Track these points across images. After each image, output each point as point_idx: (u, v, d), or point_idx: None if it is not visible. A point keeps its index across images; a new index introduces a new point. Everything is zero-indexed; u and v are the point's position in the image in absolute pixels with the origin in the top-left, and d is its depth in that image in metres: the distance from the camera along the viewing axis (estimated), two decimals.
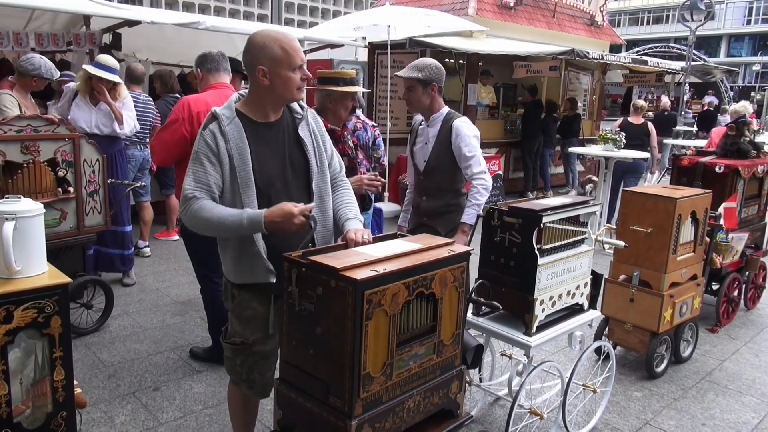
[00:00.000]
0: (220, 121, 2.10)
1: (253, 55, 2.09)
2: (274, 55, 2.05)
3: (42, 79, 4.57)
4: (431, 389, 1.85)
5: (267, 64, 2.06)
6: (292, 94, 2.13)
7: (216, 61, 3.57)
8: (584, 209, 2.81)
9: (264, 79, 2.07)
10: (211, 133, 2.09)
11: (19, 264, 1.69)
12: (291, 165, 2.19)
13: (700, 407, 3.44)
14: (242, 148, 2.08)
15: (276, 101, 2.16)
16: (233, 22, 7.80)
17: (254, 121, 2.15)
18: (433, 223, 3.34)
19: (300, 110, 2.26)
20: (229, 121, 2.10)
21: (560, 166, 10.84)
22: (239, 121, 2.12)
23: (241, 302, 2.22)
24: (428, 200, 3.37)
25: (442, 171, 3.32)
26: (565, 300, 2.80)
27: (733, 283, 4.60)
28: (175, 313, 4.47)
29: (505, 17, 10.81)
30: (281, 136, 2.19)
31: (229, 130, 2.09)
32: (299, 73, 2.10)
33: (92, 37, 5.90)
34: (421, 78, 3.19)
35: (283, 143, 2.19)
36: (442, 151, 3.29)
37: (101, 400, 3.21)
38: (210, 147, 2.08)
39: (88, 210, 3.84)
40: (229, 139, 2.08)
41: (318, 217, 2.15)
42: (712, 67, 15.08)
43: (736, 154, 4.67)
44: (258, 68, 2.06)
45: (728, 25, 44.79)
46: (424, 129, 3.41)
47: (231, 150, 2.07)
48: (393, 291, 1.62)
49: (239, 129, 2.10)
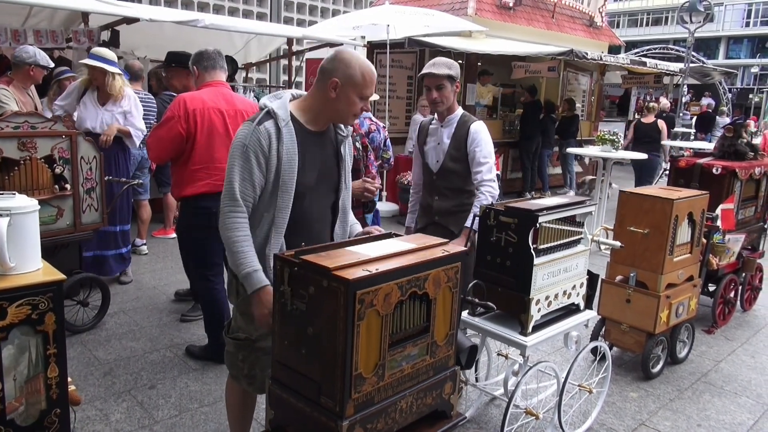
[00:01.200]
0: (278, 120, 2.11)
1: (335, 66, 2.12)
2: (353, 76, 2.10)
3: (38, 67, 4.55)
4: (424, 390, 1.84)
5: (343, 80, 2.10)
6: (348, 117, 2.20)
7: (212, 58, 3.56)
8: (580, 209, 2.81)
9: (333, 91, 2.12)
10: (267, 132, 2.09)
11: (13, 260, 1.69)
12: (325, 177, 2.25)
13: (695, 408, 3.45)
14: (292, 154, 2.11)
15: (331, 116, 2.21)
16: (232, 20, 7.80)
17: (304, 127, 2.18)
18: (446, 222, 3.30)
19: (344, 130, 2.33)
20: (284, 123, 2.12)
21: (558, 167, 10.85)
22: (292, 126, 2.14)
23: (247, 298, 2.23)
24: (441, 200, 3.33)
25: (456, 173, 3.27)
26: (561, 300, 2.80)
27: (730, 284, 4.61)
28: (172, 311, 4.47)
29: (504, 17, 10.81)
30: (325, 148, 2.26)
31: (285, 133, 2.11)
32: (362, 103, 2.17)
33: (90, 34, 5.89)
34: (452, 75, 3.15)
35: (324, 155, 2.25)
36: (458, 154, 3.24)
37: (97, 398, 3.21)
38: (262, 146, 2.08)
39: (84, 207, 3.84)
40: (283, 142, 2.10)
41: (338, 231, 2.33)
42: (711, 68, 15.10)
43: (734, 156, 4.68)
44: (333, 79, 2.11)
45: (727, 27, 44.82)
46: (437, 128, 3.35)
47: (282, 153, 2.09)
48: (385, 291, 1.62)
49: (292, 134, 2.12)
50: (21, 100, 4.56)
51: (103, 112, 4.61)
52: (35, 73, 4.58)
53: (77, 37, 5.88)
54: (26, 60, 4.50)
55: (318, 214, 2.26)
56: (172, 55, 4.42)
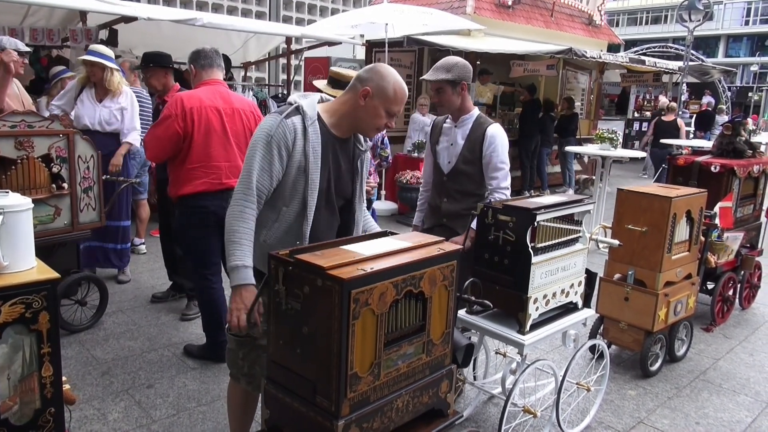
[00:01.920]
0: (305, 118, 2.12)
1: (370, 76, 2.15)
2: (385, 89, 2.13)
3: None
4: (420, 389, 1.84)
5: (375, 90, 2.13)
6: (370, 129, 2.22)
7: (209, 57, 3.55)
8: (578, 208, 2.80)
9: (363, 99, 2.14)
10: (293, 126, 2.10)
11: (6, 259, 1.68)
12: (337, 184, 2.26)
13: (694, 406, 3.44)
14: (318, 153, 2.13)
15: (354, 124, 2.22)
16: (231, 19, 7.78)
17: (329, 132, 2.19)
18: (454, 224, 3.23)
19: (363, 143, 2.34)
20: (311, 122, 2.13)
21: (557, 165, 10.84)
22: (318, 126, 2.15)
23: None
24: (449, 202, 3.25)
25: (468, 176, 3.20)
26: (559, 298, 2.79)
27: (728, 282, 4.61)
28: (170, 310, 4.46)
29: (503, 16, 10.81)
30: (344, 157, 2.27)
31: (311, 131, 2.12)
32: (387, 119, 2.19)
33: (88, 33, 5.89)
34: (450, 78, 3.09)
35: (342, 165, 2.26)
36: (472, 156, 3.17)
37: (94, 397, 3.21)
38: (287, 139, 2.09)
39: (82, 206, 3.83)
40: (309, 140, 2.11)
41: None
42: (710, 67, 15.07)
43: (732, 154, 4.67)
44: (365, 88, 2.13)
45: (726, 25, 44.79)
46: (451, 128, 3.27)
47: (308, 151, 2.10)
48: (380, 290, 1.61)
49: (317, 134, 2.14)
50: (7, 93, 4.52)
51: (101, 109, 4.61)
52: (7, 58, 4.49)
53: (75, 35, 5.87)
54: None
55: (325, 218, 2.25)
56: (149, 55, 4.44)
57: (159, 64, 4.32)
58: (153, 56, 4.38)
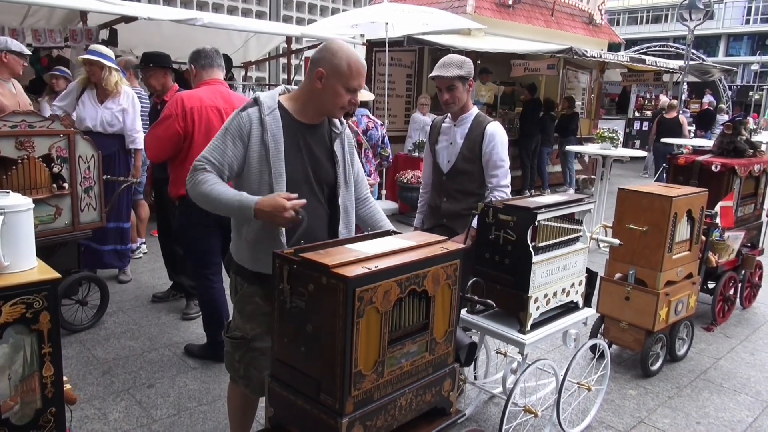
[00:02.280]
0: (261, 108, 2.11)
1: (321, 56, 2.11)
2: (339, 66, 2.09)
3: (11, 53, 4.48)
4: (423, 387, 1.84)
5: (328, 70, 2.09)
6: (334, 109, 2.17)
7: (210, 57, 3.55)
8: (579, 207, 2.80)
9: (318, 81, 2.10)
10: (248, 117, 2.10)
11: (7, 259, 1.68)
12: (315, 171, 2.21)
13: (694, 405, 3.44)
14: (278, 140, 2.10)
15: (318, 107, 2.18)
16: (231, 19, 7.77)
17: (294, 119, 2.16)
18: (454, 225, 3.20)
19: (339, 126, 2.29)
20: (269, 111, 2.11)
21: (558, 165, 10.84)
22: (278, 114, 2.13)
23: (244, 296, 2.23)
24: (449, 202, 3.23)
25: (468, 175, 3.17)
26: (559, 298, 2.79)
27: (729, 281, 4.61)
28: (171, 310, 4.46)
29: (503, 15, 10.80)
30: (316, 142, 2.22)
31: (268, 120, 2.10)
32: (349, 96, 2.14)
33: (89, 33, 5.88)
34: (463, 75, 3.06)
35: (316, 151, 2.21)
36: (471, 155, 3.14)
37: (95, 397, 3.21)
38: (241, 130, 2.09)
39: (83, 206, 3.83)
40: (267, 129, 2.09)
41: (343, 232, 2.24)
42: (711, 66, 15.08)
43: (733, 153, 4.67)
44: (318, 69, 2.09)
45: (727, 24, 44.79)
46: (450, 128, 3.25)
47: (267, 140, 2.08)
48: (385, 288, 1.61)
49: (277, 121, 2.11)
50: (1, 92, 4.53)
51: (103, 110, 4.61)
52: (8, 60, 4.51)
53: (75, 36, 5.87)
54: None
55: (309, 208, 2.17)
56: (149, 55, 4.43)
57: (159, 64, 4.32)
58: (153, 56, 4.38)
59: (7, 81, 4.64)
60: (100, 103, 4.62)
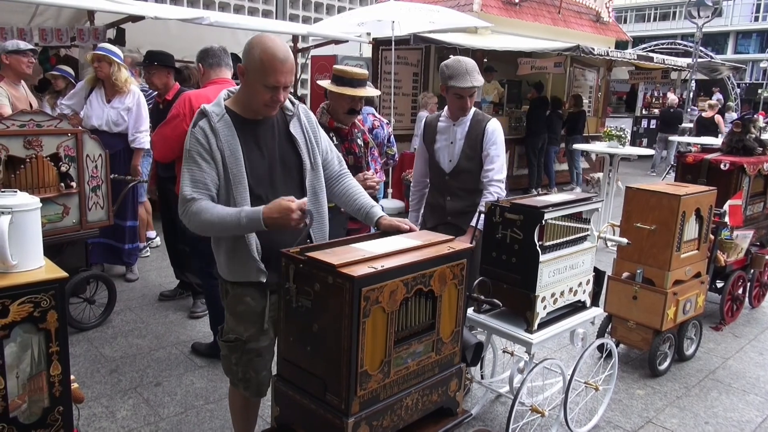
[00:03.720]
0: (210, 117, 2.07)
1: (245, 51, 2.07)
2: (252, 62, 2.02)
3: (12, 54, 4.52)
4: (430, 387, 1.83)
5: (246, 65, 2.04)
6: (259, 107, 2.08)
7: (217, 56, 3.56)
8: (586, 206, 2.79)
9: (242, 78, 2.07)
10: (202, 131, 2.05)
11: (15, 258, 1.68)
12: (282, 163, 2.17)
13: (703, 405, 3.42)
14: (233, 146, 2.05)
15: (248, 104, 2.12)
16: (238, 18, 7.78)
17: (243, 118, 2.12)
18: (459, 222, 3.23)
19: (291, 107, 2.23)
20: (218, 118, 2.07)
21: (565, 163, 10.80)
22: (229, 118, 2.09)
23: (234, 297, 2.22)
24: (453, 200, 3.26)
25: (470, 173, 3.21)
26: (567, 297, 2.78)
27: (738, 281, 4.57)
28: (178, 308, 4.47)
29: (510, 13, 10.76)
30: (270, 133, 2.16)
31: (219, 127, 2.06)
32: (270, 93, 2.03)
33: (96, 33, 5.91)
34: (481, 83, 3.16)
35: (274, 141, 2.16)
36: (473, 153, 3.18)
37: (103, 395, 3.22)
38: (202, 145, 2.05)
39: (90, 205, 3.85)
40: (220, 137, 2.05)
41: (314, 215, 2.15)
42: (719, 63, 14.96)
43: (742, 151, 4.64)
44: (240, 66, 2.05)
45: (736, 21, 44.48)
46: (448, 127, 3.26)
47: (222, 147, 2.04)
48: (391, 288, 1.60)
49: (229, 126, 2.07)
50: (14, 95, 4.56)
51: (109, 109, 4.63)
52: (10, 61, 4.54)
53: (83, 35, 5.90)
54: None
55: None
56: (153, 53, 4.44)
57: (163, 63, 4.32)
58: (157, 55, 4.39)
59: (18, 84, 4.68)
60: (107, 102, 4.64)
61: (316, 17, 10.68)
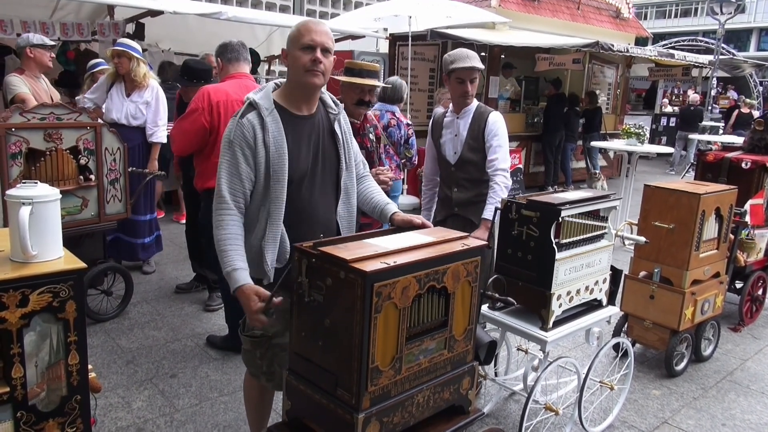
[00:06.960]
0: (261, 110, 2.08)
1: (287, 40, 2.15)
2: (292, 35, 2.11)
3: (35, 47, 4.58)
4: (441, 384, 1.83)
5: (288, 44, 2.12)
6: (299, 74, 2.07)
7: (236, 50, 3.57)
8: (604, 204, 2.76)
9: (285, 60, 2.13)
10: (250, 124, 2.06)
11: (35, 248, 1.70)
12: (323, 160, 2.20)
13: (720, 407, 3.38)
14: (280, 142, 2.07)
15: (296, 87, 2.13)
16: (255, 13, 7.81)
17: (291, 113, 2.14)
18: (466, 212, 3.30)
19: (334, 107, 2.27)
20: (268, 112, 2.08)
21: (582, 161, 10.70)
22: (277, 113, 2.10)
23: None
24: (460, 191, 3.33)
25: (474, 164, 3.26)
26: (583, 295, 2.76)
27: (758, 281, 4.50)
28: (193, 301, 4.51)
29: (528, 9, 10.66)
30: (316, 130, 2.19)
31: (269, 122, 2.07)
32: (308, 54, 2.04)
33: (116, 27, 5.97)
34: (482, 67, 3.20)
35: (318, 137, 2.19)
36: (476, 144, 3.24)
37: (119, 386, 3.26)
38: (246, 138, 2.05)
39: (109, 198, 3.89)
40: (269, 132, 2.06)
41: (342, 213, 2.24)
42: (741, 61, 14.73)
43: (764, 150, 4.56)
44: (282, 50, 2.11)
45: (759, 18, 43.58)
46: (452, 121, 3.34)
47: (269, 143, 2.06)
48: (403, 284, 1.60)
49: (277, 121, 2.09)
50: (34, 88, 4.62)
51: (128, 103, 4.68)
52: (35, 54, 4.61)
53: (103, 29, 5.96)
54: (21, 44, 4.61)
55: (321, 199, 2.20)
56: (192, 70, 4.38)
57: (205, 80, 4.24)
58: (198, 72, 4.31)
59: (39, 77, 4.74)
60: (126, 97, 4.69)
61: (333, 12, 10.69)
